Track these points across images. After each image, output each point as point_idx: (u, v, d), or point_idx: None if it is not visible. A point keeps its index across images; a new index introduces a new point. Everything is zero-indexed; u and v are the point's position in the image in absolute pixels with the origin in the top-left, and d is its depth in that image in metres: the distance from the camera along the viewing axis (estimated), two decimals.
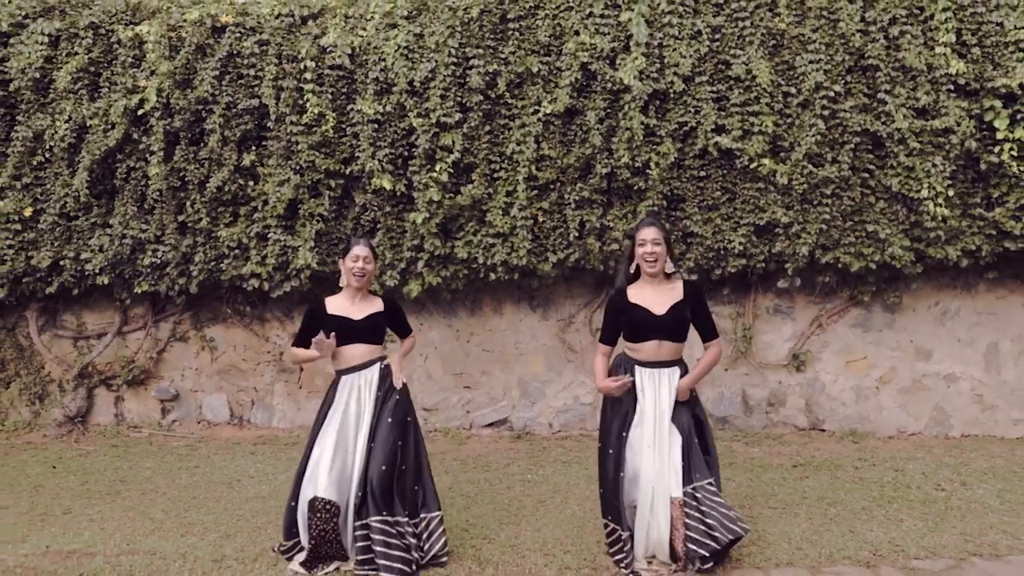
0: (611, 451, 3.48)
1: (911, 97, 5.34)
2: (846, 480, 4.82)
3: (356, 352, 3.61)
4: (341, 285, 3.69)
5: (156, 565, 3.54)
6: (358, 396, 3.57)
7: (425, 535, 3.55)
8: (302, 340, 3.66)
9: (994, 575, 3.41)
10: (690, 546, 3.30)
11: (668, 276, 3.57)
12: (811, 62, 5.40)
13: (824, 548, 3.69)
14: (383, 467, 3.46)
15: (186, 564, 3.55)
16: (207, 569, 3.50)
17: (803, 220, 5.45)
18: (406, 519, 3.49)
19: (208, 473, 5.18)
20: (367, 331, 3.62)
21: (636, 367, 3.51)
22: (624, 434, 3.45)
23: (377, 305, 3.72)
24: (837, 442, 5.79)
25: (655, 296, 3.50)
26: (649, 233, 3.48)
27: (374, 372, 3.62)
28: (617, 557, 3.46)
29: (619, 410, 3.51)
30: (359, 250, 3.64)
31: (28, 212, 5.90)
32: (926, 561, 3.56)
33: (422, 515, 3.59)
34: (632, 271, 3.57)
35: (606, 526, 3.55)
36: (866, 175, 5.46)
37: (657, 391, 3.47)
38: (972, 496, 4.47)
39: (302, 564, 3.46)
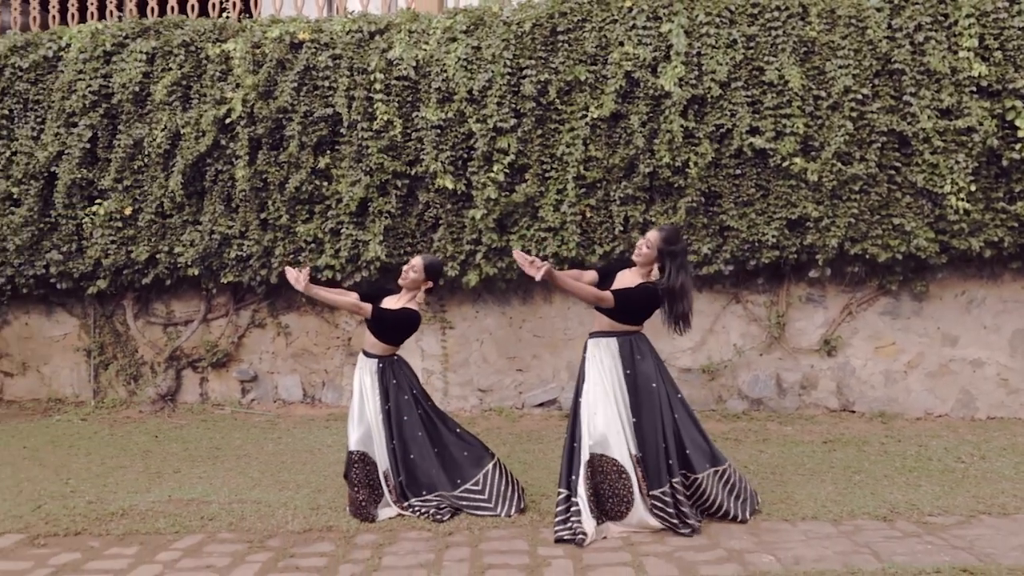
0: (570, 419, 3.94)
1: (935, 99, 5.72)
2: (872, 453, 5.23)
3: (367, 338, 4.20)
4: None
5: (263, 511, 4.15)
6: (364, 377, 4.18)
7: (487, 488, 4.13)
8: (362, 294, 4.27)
9: (1000, 529, 3.81)
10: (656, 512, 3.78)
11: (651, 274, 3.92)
12: (840, 67, 5.80)
13: (846, 506, 4.13)
14: (411, 456, 4.10)
15: (288, 511, 4.15)
16: (307, 515, 4.09)
17: (832, 214, 5.86)
18: (450, 490, 4.09)
19: (291, 443, 5.80)
20: (373, 324, 4.12)
21: (590, 337, 3.96)
22: (579, 399, 3.89)
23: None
24: (867, 422, 6.17)
25: (626, 280, 3.93)
26: (650, 234, 3.89)
27: (373, 364, 4.16)
28: (572, 523, 3.72)
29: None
30: (413, 260, 4.25)
31: (128, 211, 6.59)
32: (939, 517, 3.98)
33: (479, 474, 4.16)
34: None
35: (559, 493, 3.83)
36: (892, 172, 5.84)
37: (600, 357, 3.86)
38: (989, 468, 4.85)
39: (352, 514, 4.06)
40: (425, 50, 6.18)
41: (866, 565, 3.34)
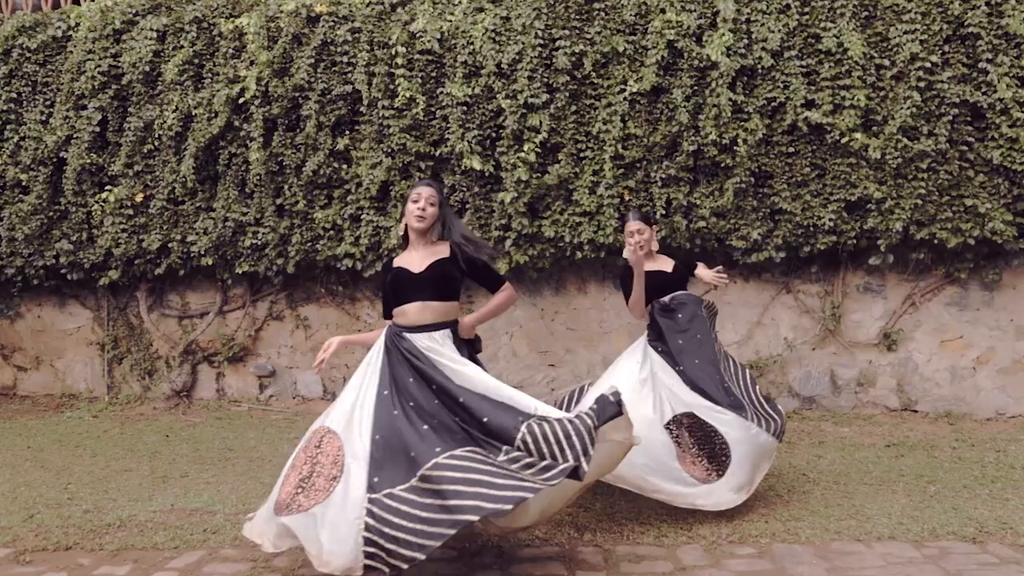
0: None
1: (1015, 65, 5.16)
2: (944, 460, 4.72)
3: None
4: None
5: None
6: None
7: None
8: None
9: None
10: None
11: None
12: (906, 32, 5.26)
13: (927, 524, 3.64)
14: None
15: None
16: None
17: (897, 195, 5.33)
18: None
19: None
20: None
21: None
22: None
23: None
24: (931, 423, 5.67)
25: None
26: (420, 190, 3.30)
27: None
28: None
29: None
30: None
31: (139, 198, 6.28)
32: None
33: None
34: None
35: None
36: (965, 148, 5.30)
37: None
38: None
39: None
40: (450, 21, 5.74)
41: None
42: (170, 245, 6.30)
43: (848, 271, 5.91)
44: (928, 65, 5.22)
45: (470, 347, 3.42)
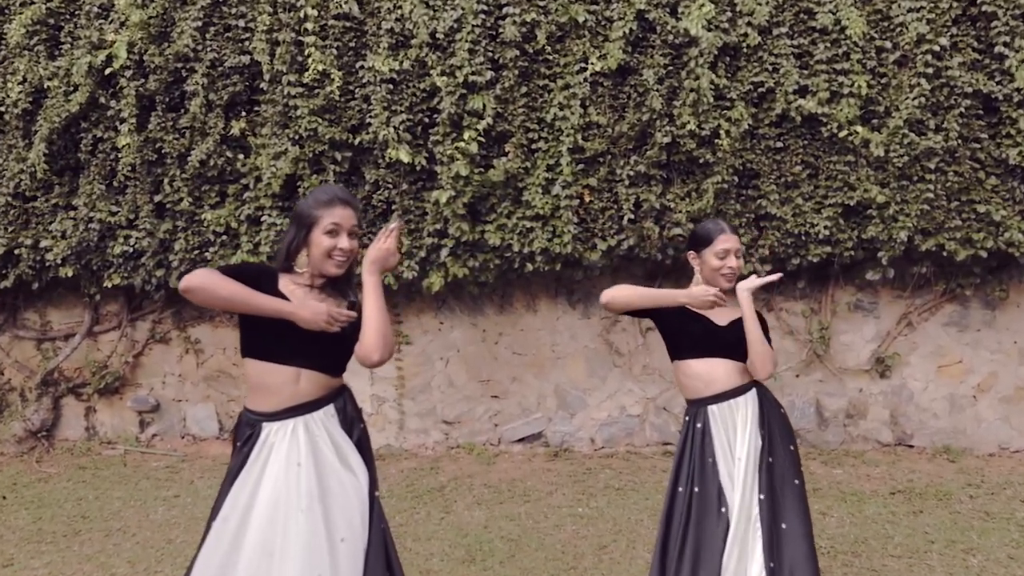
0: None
1: None
2: (969, 516, 3.98)
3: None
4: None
5: None
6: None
7: None
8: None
9: None
10: None
11: None
12: (911, 11, 4.56)
13: None
14: None
15: None
16: None
17: (902, 200, 4.59)
18: None
19: (189, 506, 4.33)
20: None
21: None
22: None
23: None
24: (929, 461, 4.98)
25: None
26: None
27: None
28: None
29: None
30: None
31: None
32: None
33: None
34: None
35: None
36: (976, 146, 4.61)
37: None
38: None
39: None
40: None
41: None
42: (18, 251, 5.14)
43: (837, 287, 5.17)
44: (936, 49, 4.50)
45: (357, 417, 2.22)
